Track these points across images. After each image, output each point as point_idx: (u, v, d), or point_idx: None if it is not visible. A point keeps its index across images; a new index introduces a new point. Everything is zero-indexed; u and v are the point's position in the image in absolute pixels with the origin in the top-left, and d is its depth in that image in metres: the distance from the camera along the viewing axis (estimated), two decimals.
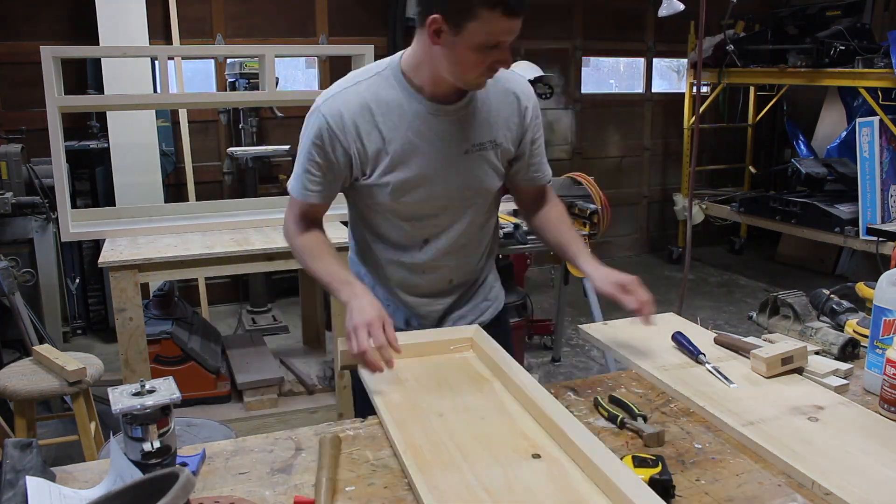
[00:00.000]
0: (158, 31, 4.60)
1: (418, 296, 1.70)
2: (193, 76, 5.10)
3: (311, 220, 1.61)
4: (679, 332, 1.65)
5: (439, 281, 1.69)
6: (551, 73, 4.95)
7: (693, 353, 1.58)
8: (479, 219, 1.66)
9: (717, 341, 1.66)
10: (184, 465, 1.14)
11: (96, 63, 4.32)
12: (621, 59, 6.66)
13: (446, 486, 1.07)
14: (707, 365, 1.53)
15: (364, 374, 1.44)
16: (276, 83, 3.45)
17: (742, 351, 1.59)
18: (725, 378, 1.47)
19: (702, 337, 1.68)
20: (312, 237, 1.60)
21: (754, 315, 1.88)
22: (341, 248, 1.65)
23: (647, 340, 1.67)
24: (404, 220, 1.60)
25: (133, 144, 4.31)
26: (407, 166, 1.51)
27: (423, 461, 1.14)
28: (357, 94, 1.49)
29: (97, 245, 3.88)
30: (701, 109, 5.99)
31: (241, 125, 4.86)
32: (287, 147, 4.81)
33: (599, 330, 1.78)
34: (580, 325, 1.80)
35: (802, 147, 6.08)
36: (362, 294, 1.45)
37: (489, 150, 1.57)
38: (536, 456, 1.16)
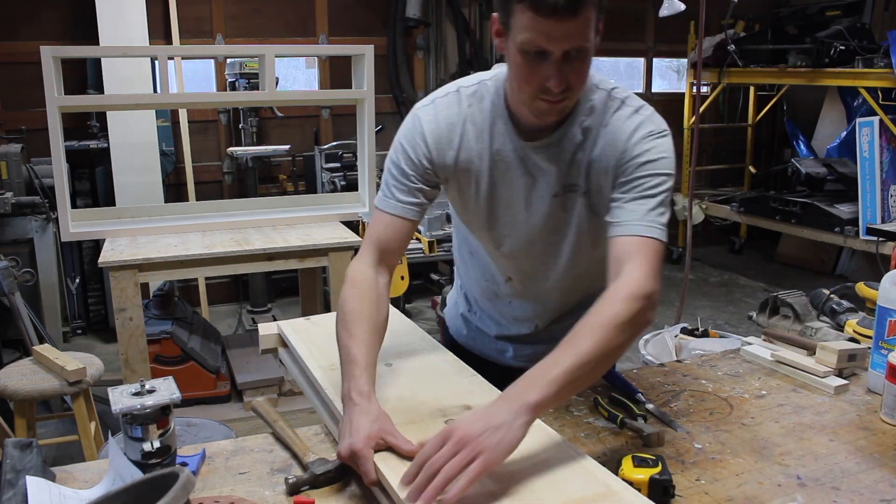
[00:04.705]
0: (158, 31, 4.60)
1: (505, 325, 1.57)
2: (193, 76, 5.10)
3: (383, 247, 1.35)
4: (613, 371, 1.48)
5: (523, 323, 1.54)
6: None
7: (629, 391, 1.41)
8: (572, 271, 1.42)
9: (766, 335, 1.64)
10: (184, 465, 1.14)
11: (96, 63, 4.32)
12: (621, 59, 6.66)
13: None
14: (648, 405, 1.37)
15: (290, 335, 1.49)
16: (276, 83, 3.45)
17: (796, 344, 1.58)
18: (670, 421, 1.33)
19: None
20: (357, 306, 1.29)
21: (754, 315, 1.89)
22: (335, 249, 1.65)
23: None
24: (486, 253, 1.47)
25: (133, 144, 4.31)
26: (488, 197, 1.35)
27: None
28: (450, 106, 1.32)
29: (97, 245, 3.88)
30: (701, 109, 6.02)
31: (241, 125, 4.86)
32: (287, 147, 4.81)
33: None
34: None
35: (802, 147, 6.08)
36: (360, 410, 1.11)
37: (579, 195, 1.32)
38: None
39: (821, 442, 1.28)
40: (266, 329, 1.62)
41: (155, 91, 4.28)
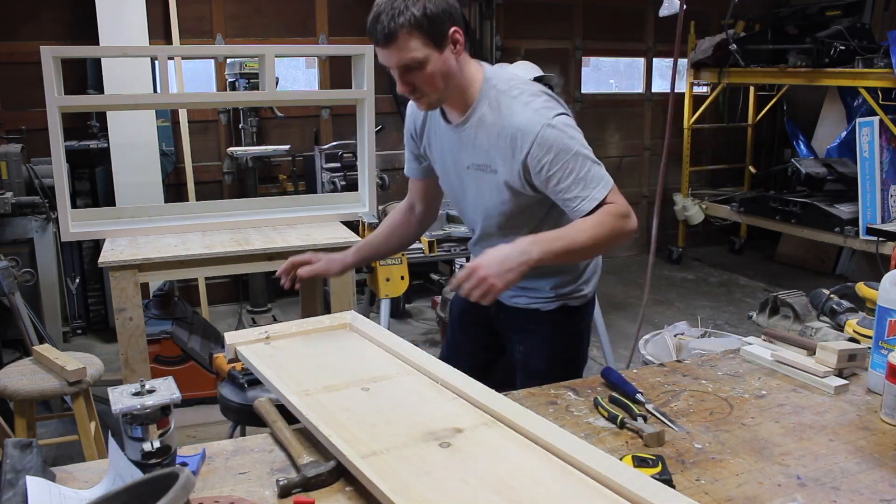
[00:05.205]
0: (158, 31, 4.60)
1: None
2: (193, 76, 5.10)
3: (413, 197, 1.97)
4: (609, 369, 1.51)
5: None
6: (551, 73, 4.95)
7: (629, 392, 1.43)
8: (507, 233, 1.68)
9: (766, 334, 1.64)
10: (184, 465, 1.14)
11: (96, 63, 4.31)
12: (621, 59, 6.66)
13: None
14: (648, 405, 1.40)
15: (253, 360, 1.53)
16: (276, 83, 3.45)
17: (796, 344, 1.58)
18: (670, 421, 1.34)
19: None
20: (387, 219, 2.00)
21: (754, 315, 1.88)
22: (335, 249, 1.65)
23: None
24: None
25: (133, 144, 4.31)
26: (438, 164, 1.82)
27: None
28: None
29: (97, 245, 3.88)
30: (701, 109, 6.03)
31: (241, 125, 4.85)
32: (287, 147, 4.80)
33: None
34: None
35: (802, 147, 6.08)
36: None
37: (486, 173, 1.67)
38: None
39: (821, 442, 1.28)
40: (232, 339, 1.61)
41: (155, 91, 4.28)
